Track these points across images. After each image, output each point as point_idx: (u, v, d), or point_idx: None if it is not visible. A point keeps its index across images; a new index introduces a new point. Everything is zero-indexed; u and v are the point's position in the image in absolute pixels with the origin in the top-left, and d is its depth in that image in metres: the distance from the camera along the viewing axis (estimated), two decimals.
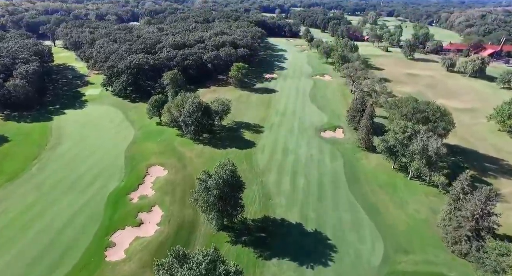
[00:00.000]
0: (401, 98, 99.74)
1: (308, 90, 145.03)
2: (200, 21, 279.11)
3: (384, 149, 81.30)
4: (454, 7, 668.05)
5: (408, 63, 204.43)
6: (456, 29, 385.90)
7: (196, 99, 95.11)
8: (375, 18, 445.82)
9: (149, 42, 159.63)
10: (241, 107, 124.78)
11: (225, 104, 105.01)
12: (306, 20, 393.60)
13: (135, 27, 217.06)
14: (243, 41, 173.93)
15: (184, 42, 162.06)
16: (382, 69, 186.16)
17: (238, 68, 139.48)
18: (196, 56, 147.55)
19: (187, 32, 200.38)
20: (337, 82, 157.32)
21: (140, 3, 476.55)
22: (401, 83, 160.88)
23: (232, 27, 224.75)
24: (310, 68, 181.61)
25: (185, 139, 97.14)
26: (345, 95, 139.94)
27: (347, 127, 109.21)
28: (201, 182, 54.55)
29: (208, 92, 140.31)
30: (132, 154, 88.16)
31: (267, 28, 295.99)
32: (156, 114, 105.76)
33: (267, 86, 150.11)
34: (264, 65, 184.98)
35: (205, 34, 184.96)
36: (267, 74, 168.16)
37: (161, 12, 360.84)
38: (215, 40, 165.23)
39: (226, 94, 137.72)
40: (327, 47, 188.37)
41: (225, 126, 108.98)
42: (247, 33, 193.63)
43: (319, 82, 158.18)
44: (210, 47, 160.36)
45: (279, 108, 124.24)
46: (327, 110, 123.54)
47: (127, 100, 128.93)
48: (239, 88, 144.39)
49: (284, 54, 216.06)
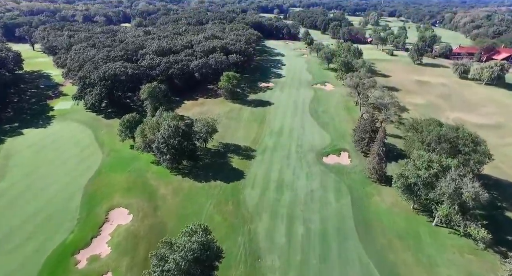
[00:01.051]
0: (422, 121, 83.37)
1: (307, 102, 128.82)
2: (193, 23, 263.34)
3: (402, 187, 65.23)
4: (456, 7, 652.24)
5: (416, 68, 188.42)
6: (462, 30, 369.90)
7: (173, 121, 78.77)
8: (376, 18, 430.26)
9: (131, 47, 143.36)
10: (231, 124, 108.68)
11: (211, 124, 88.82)
12: (306, 21, 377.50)
13: (121, 30, 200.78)
14: (236, 46, 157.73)
15: (170, 47, 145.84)
16: (389, 76, 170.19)
17: (228, 78, 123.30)
18: (182, 64, 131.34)
19: (176, 35, 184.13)
20: (340, 92, 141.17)
21: (133, 4, 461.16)
22: (411, 93, 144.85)
23: (225, 30, 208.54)
24: (310, 76, 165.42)
25: (161, 169, 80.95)
26: (349, 109, 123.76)
27: (354, 150, 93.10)
28: (157, 264, 38.26)
29: (194, 105, 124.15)
30: (93, 191, 71.92)
31: (264, 30, 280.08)
32: (129, 136, 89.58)
33: (262, 97, 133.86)
34: (259, 72, 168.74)
35: (195, 38, 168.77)
36: (263, 82, 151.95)
37: (153, 13, 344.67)
38: (205, 46, 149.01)
39: (215, 108, 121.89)
40: (328, 52, 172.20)
41: (211, 149, 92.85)
42: (241, 37, 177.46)
43: (320, 92, 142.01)
44: (198, 54, 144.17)
45: (275, 125, 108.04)
46: (329, 128, 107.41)
47: (101, 116, 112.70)
48: (230, 100, 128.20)
49: (282, 59, 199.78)
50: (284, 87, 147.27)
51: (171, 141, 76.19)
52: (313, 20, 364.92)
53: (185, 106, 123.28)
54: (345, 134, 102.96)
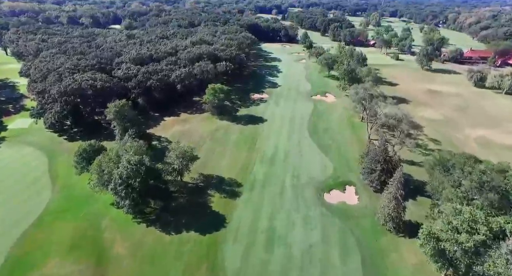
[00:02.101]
0: (452, 156, 66.31)
1: (306, 118, 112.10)
2: (184, 25, 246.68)
3: (432, 251, 48.61)
4: (458, 6, 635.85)
5: (425, 75, 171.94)
6: (468, 31, 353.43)
7: (134, 156, 61.85)
8: (378, 19, 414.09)
9: (107, 55, 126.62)
10: (216, 148, 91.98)
11: (188, 154, 72.08)
12: (305, 22, 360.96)
13: (102, 33, 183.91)
14: (226, 52, 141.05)
15: (151, 55, 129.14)
16: (396, 85, 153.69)
17: (214, 91, 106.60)
18: (163, 74, 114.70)
19: (162, 40, 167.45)
20: (343, 105, 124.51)
21: (126, 4, 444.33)
22: (422, 105, 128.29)
23: (217, 33, 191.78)
24: (308, 85, 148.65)
25: (122, 214, 64.23)
26: (354, 126, 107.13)
27: (361, 184, 76.48)
28: None
29: (175, 123, 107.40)
30: (23, 253, 55.06)
31: (261, 33, 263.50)
32: (86, 168, 72.84)
33: (254, 112, 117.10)
34: (252, 81, 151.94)
35: (181, 43, 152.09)
36: (256, 93, 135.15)
37: (145, 14, 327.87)
38: (191, 52, 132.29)
39: (199, 126, 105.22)
40: (329, 58, 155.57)
41: (188, 183, 76.19)
42: (233, 41, 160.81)
43: (321, 105, 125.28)
44: (182, 62, 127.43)
45: (267, 150, 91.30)
46: (332, 152, 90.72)
47: (64, 137, 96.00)
48: (217, 116, 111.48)
49: (278, 65, 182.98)
50: (279, 98, 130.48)
51: (132, 182, 59.52)
52: (312, 21, 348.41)
53: (165, 124, 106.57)
54: (350, 161, 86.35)
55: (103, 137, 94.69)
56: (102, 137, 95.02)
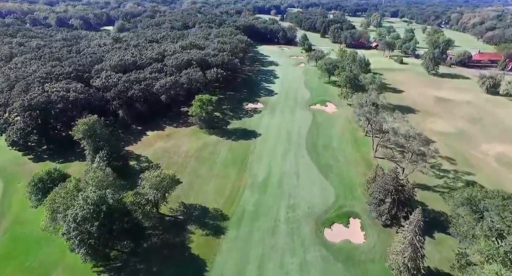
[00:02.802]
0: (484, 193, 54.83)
1: (304, 132, 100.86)
2: (177, 26, 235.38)
3: None
4: (460, 6, 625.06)
5: (432, 81, 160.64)
6: (473, 32, 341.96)
7: (93, 194, 50.42)
8: (379, 20, 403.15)
9: (86, 61, 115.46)
10: (201, 169, 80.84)
11: (164, 184, 60.89)
12: (304, 23, 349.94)
13: (88, 36, 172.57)
14: (218, 57, 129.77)
15: (134, 61, 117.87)
16: (401, 92, 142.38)
17: (201, 103, 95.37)
18: (146, 83, 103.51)
19: (150, 44, 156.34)
20: (345, 116, 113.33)
21: (121, 5, 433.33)
22: (432, 115, 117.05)
23: (210, 36, 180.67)
24: (307, 92, 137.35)
25: (78, 262, 52.90)
26: (358, 142, 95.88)
27: (368, 216, 65.40)
28: None
29: (159, 138, 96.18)
30: None
31: (258, 34, 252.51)
32: (43, 201, 61.66)
33: (247, 125, 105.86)
34: (247, 88, 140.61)
35: (170, 47, 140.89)
36: (250, 103, 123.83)
37: (138, 15, 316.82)
38: (178, 58, 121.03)
39: (184, 142, 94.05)
40: (329, 63, 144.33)
41: (165, 216, 65.11)
42: (226, 45, 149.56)
43: (320, 115, 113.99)
44: (169, 69, 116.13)
45: (259, 172, 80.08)
46: (333, 175, 79.49)
47: (29, 157, 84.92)
48: (205, 130, 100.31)
49: (275, 70, 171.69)
50: (275, 109, 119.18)
51: (88, 226, 48.34)
52: (311, 22, 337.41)
53: (147, 140, 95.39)
54: (354, 186, 75.24)
55: (75, 157, 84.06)
56: (74, 156, 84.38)
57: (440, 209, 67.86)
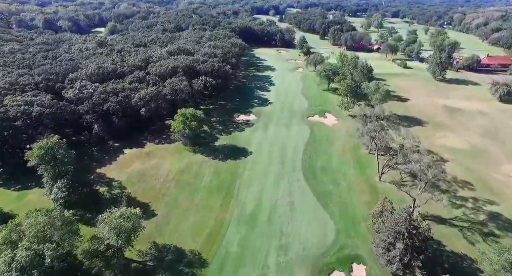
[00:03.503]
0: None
1: (300, 150, 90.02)
2: (169, 29, 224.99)
3: None
4: (462, 6, 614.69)
5: (439, 87, 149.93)
6: (477, 33, 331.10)
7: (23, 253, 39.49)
8: (380, 20, 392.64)
9: (59, 69, 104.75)
10: (181, 197, 70.24)
11: (129, 227, 50.21)
12: (303, 24, 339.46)
13: (72, 40, 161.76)
14: (207, 64, 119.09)
15: (114, 69, 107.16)
16: (407, 100, 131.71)
17: (184, 118, 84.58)
18: (124, 95, 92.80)
19: (137, 48, 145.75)
20: (346, 129, 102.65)
21: (116, 6, 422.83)
22: (442, 129, 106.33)
23: (202, 39, 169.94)
24: (305, 101, 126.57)
25: None
26: (361, 162, 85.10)
27: (375, 264, 54.58)
28: None
29: (137, 158, 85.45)
30: None
31: (254, 37, 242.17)
32: None
33: (237, 140, 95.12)
34: (239, 97, 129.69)
35: (157, 52, 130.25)
36: (241, 114, 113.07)
37: (131, 16, 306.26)
38: (163, 65, 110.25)
39: (165, 162, 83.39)
40: (329, 70, 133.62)
41: (131, 261, 54.38)
42: (218, 50, 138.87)
43: (319, 130, 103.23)
44: (152, 78, 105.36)
45: (248, 201, 69.40)
46: (333, 204, 68.81)
47: None
48: (190, 148, 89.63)
49: (271, 75, 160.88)
50: (269, 121, 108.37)
51: None
52: (311, 22, 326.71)
53: (123, 160, 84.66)
54: (357, 218, 64.64)
55: (36, 182, 73.05)
56: (34, 181, 73.44)
57: (461, 250, 57.34)
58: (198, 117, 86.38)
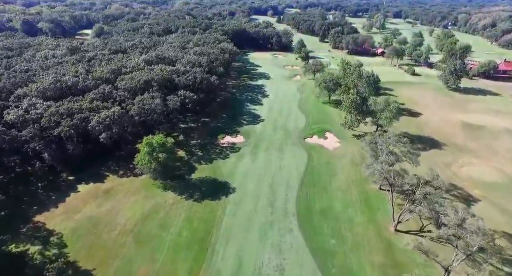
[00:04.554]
0: None
1: (295, 186, 73.10)
2: (157, 31, 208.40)
3: None
4: (465, 6, 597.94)
5: (454, 98, 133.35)
6: (485, 34, 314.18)
7: None
8: (382, 21, 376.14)
9: (4, 83, 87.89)
10: (137, 261, 53.48)
11: None
12: (301, 25, 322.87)
13: (43, 45, 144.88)
14: (189, 75, 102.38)
15: (76, 82, 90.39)
16: (419, 115, 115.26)
17: (150, 148, 67.80)
18: (80, 117, 76.10)
19: (115, 55, 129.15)
20: (350, 155, 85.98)
21: (107, 6, 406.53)
22: (465, 152, 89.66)
23: (189, 44, 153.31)
24: (302, 117, 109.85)
25: None
26: (370, 202, 68.41)
27: None
28: None
29: (92, 197, 68.75)
30: None
31: (249, 40, 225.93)
32: None
33: (219, 172, 78.27)
34: (227, 113, 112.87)
35: (131, 61, 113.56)
36: (227, 135, 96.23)
37: (120, 17, 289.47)
38: (133, 79, 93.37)
39: (126, 204, 66.79)
40: (329, 80, 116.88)
41: None
42: (203, 57, 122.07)
43: (318, 155, 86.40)
44: (120, 94, 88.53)
45: (224, 268, 52.50)
46: (335, 270, 52.11)
47: None
48: (160, 182, 72.96)
49: (266, 85, 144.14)
50: (260, 144, 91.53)
51: None
52: (310, 24, 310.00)
53: (74, 201, 67.91)
54: None
55: None
56: None
57: None
58: (168, 147, 69.55)
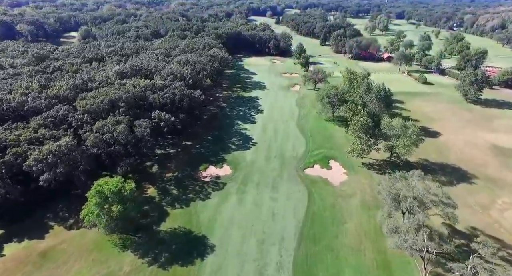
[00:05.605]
0: None
1: (292, 244, 56.48)
2: (144, 35, 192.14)
3: None
4: (469, 6, 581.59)
5: (476, 113, 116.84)
6: (496, 37, 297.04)
7: None
8: (386, 23, 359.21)
9: None
10: None
11: None
12: (301, 27, 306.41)
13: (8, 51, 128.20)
14: (167, 91, 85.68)
15: (23, 102, 73.68)
16: (437, 135, 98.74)
17: (102, 198, 51.06)
18: (14, 152, 59.43)
19: (87, 65, 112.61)
20: (360, 194, 69.36)
21: (100, 7, 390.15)
22: (502, 188, 73.19)
23: (175, 51, 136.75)
24: (302, 140, 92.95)
25: None
26: (391, 271, 51.73)
27: None
28: None
29: (21, 265, 52.04)
30: None
31: (245, 44, 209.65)
32: None
33: (196, 221, 61.45)
34: (212, 134, 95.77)
35: (103, 73, 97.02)
36: (211, 165, 79.47)
37: (109, 19, 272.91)
38: (96, 98, 76.60)
39: (68, 272, 50.09)
40: (333, 95, 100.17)
41: None
42: (187, 68, 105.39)
43: (321, 194, 69.61)
44: (77, 118, 71.77)
45: None
46: None
47: None
48: (119, 238, 56.29)
49: (260, 97, 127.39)
50: (249, 178, 74.65)
51: None
52: (310, 26, 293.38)
53: None
54: None
55: None
56: None
57: None
58: (126, 195, 52.83)
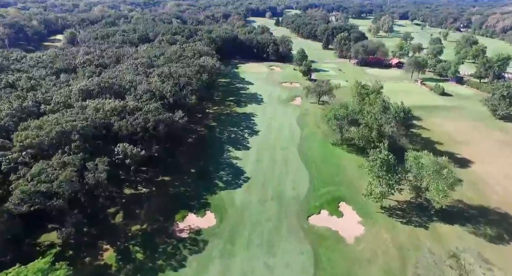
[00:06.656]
0: None
1: None
2: (131, 40, 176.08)
3: None
4: (474, 6, 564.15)
5: (507, 132, 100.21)
6: (509, 39, 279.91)
7: None
8: (391, 24, 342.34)
9: None
10: None
11: None
12: (302, 29, 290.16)
13: None
14: (139, 116, 69.00)
15: None
16: (468, 164, 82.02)
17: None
18: None
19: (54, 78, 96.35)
20: (383, 256, 52.76)
21: (92, 8, 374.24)
22: None
23: (159, 59, 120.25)
24: (304, 174, 75.86)
25: None
26: None
27: None
28: None
29: None
30: None
31: (242, 48, 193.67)
32: None
33: None
34: (195, 166, 78.56)
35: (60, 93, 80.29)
36: (190, 212, 62.64)
37: (98, 21, 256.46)
38: (41, 129, 59.98)
39: None
40: (343, 116, 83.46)
41: None
42: (169, 83, 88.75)
43: (331, 258, 52.84)
44: (11, 157, 55.13)
45: None
46: None
47: None
48: None
49: (256, 114, 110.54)
50: (237, 233, 57.80)
51: None
52: (311, 28, 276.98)
53: None
54: None
55: None
56: None
57: None
58: None
